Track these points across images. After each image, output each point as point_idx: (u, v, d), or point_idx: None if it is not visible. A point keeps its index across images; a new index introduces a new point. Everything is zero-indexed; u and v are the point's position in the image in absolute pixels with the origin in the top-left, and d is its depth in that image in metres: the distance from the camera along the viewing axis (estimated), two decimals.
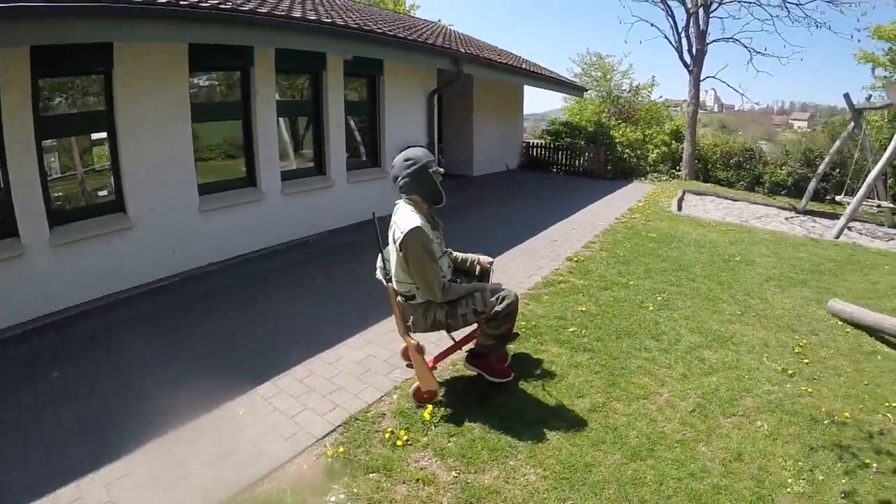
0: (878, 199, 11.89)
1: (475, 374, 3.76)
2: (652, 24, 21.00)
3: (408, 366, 3.95)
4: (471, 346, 3.76)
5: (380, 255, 3.48)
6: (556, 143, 16.91)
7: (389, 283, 3.40)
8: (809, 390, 4.05)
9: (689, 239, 8.33)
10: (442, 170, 3.42)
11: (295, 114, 7.83)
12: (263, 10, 5.81)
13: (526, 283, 5.86)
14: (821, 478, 3.12)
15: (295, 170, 7.72)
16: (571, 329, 4.68)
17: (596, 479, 2.95)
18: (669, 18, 16.36)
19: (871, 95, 14.52)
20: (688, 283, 6.20)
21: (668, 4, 16.30)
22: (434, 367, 3.76)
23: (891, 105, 11.59)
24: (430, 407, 3.47)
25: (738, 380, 4.10)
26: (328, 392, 3.72)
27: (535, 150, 17.03)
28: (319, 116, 7.81)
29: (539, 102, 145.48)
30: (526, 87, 16.55)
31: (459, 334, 3.86)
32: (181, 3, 5.00)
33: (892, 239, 11.30)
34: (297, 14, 6.25)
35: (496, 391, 3.71)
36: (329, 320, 4.96)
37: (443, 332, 3.77)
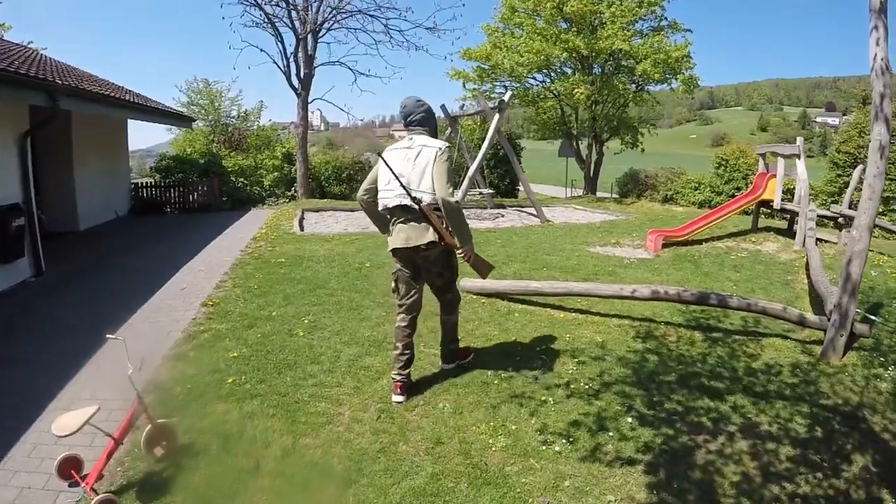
0: (480, 189, 14.76)
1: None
2: (262, 50, 21.38)
3: (70, 485, 3.11)
4: None
5: (399, 184, 3.75)
6: (168, 181, 16.16)
7: (420, 204, 3.76)
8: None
9: (319, 256, 8.69)
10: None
11: None
12: None
13: (166, 342, 5.22)
14: (514, 427, 3.66)
15: None
16: (230, 380, 4.33)
17: None
18: (279, 44, 17.07)
19: (463, 105, 17.56)
20: (328, 298, 6.42)
21: (277, 30, 16.92)
22: (101, 476, 3.07)
23: (481, 111, 14.27)
24: None
25: None
26: None
27: (144, 190, 15.76)
28: None
29: (143, 137, 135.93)
30: (130, 122, 15.21)
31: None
32: None
33: (497, 218, 13.97)
34: None
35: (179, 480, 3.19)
36: None
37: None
